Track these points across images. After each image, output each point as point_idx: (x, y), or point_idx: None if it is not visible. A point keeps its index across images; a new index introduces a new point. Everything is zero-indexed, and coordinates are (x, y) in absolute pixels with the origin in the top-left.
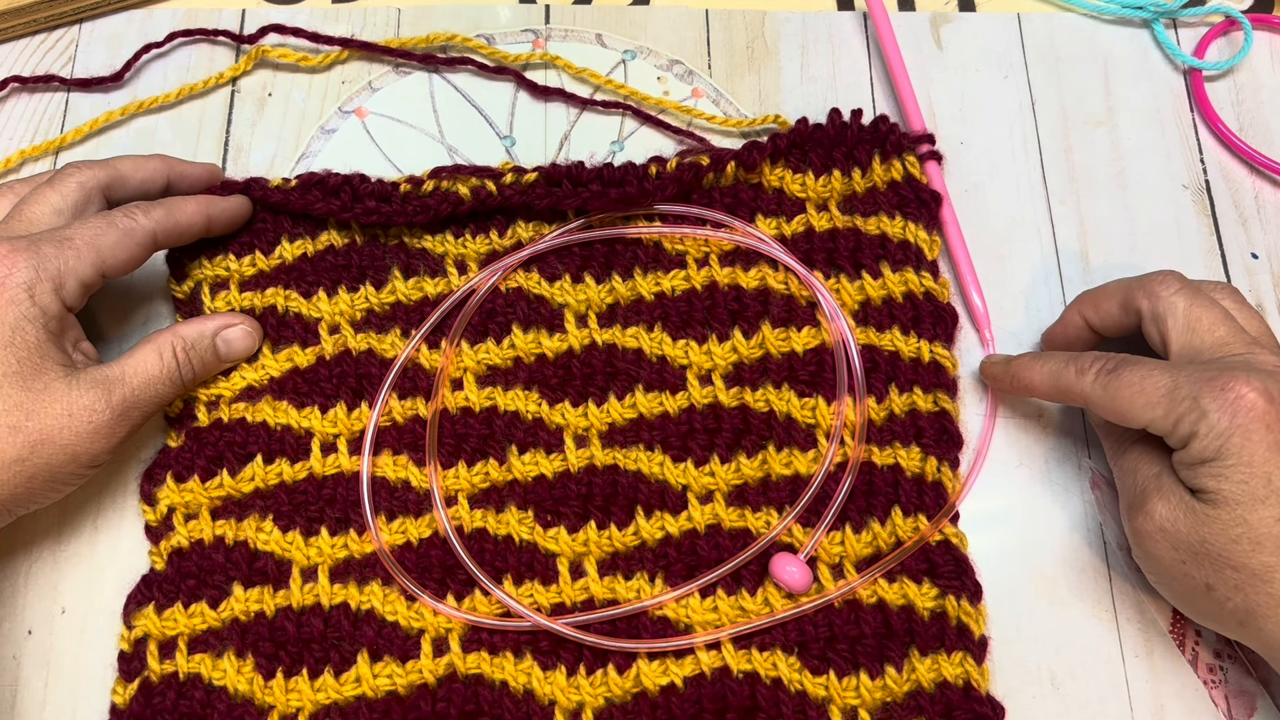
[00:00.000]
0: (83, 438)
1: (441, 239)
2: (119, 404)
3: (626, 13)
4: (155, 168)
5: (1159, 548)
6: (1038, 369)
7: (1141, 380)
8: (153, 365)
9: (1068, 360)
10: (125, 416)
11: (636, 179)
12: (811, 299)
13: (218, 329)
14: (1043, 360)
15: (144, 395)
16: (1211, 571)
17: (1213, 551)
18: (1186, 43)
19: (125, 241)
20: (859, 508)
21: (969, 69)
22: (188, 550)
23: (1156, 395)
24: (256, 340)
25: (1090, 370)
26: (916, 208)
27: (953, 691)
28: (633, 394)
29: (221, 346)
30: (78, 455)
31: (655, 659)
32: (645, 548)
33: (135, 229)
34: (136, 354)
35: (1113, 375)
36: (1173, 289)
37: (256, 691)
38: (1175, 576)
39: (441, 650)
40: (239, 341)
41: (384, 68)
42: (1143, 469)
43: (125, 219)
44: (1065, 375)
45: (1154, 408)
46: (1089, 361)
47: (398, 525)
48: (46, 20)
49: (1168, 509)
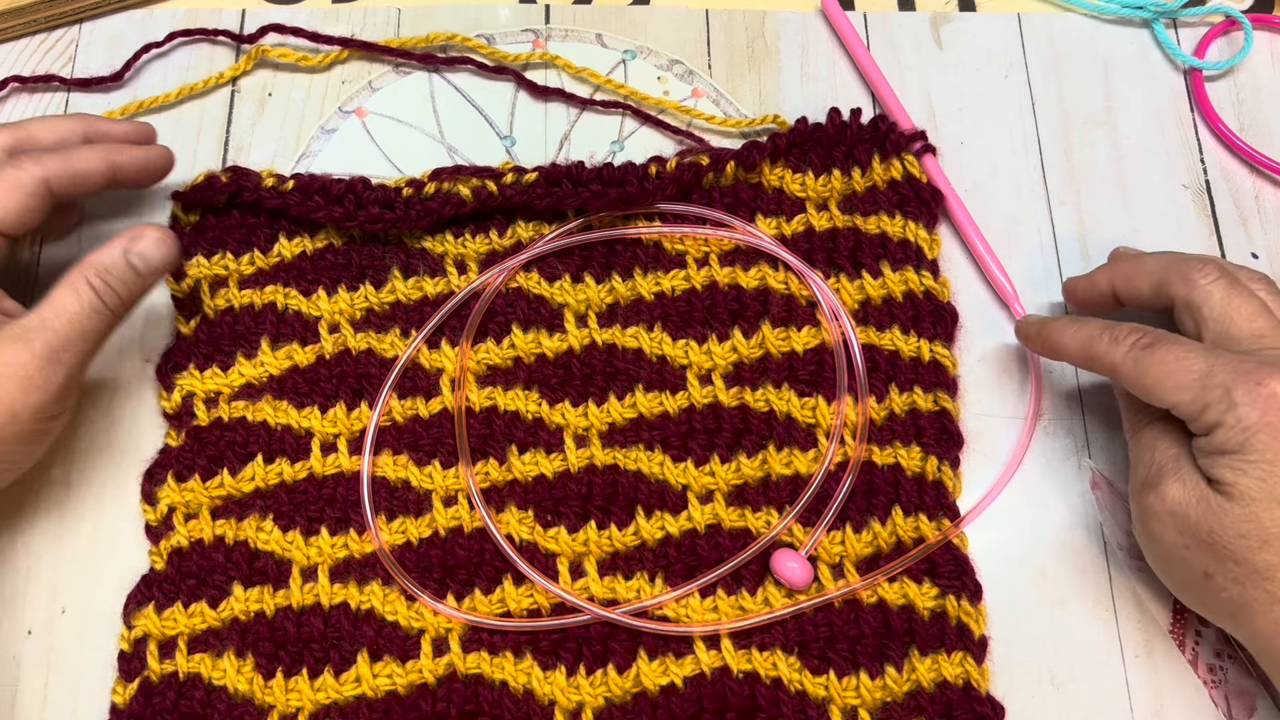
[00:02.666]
0: (14, 394)
1: (441, 239)
2: (43, 351)
3: (626, 13)
4: (70, 127)
5: (1165, 529)
6: (1071, 334)
7: (1176, 361)
8: (70, 303)
9: (1103, 329)
10: (55, 361)
11: (636, 179)
12: (811, 298)
13: (127, 246)
14: (1077, 325)
15: (70, 335)
16: (1213, 561)
17: (1219, 543)
18: (1186, 43)
19: (15, 193)
20: (859, 507)
21: (969, 69)
22: (188, 550)
23: (1188, 379)
24: (173, 245)
25: (1125, 341)
26: (916, 206)
27: (953, 691)
28: (633, 394)
29: (138, 263)
30: (16, 413)
31: (655, 658)
32: (645, 548)
33: (23, 178)
34: (53, 296)
35: (1147, 350)
36: (1210, 277)
37: (256, 691)
38: (1175, 560)
39: (441, 650)
40: (154, 251)
41: (384, 68)
42: (1161, 447)
43: (11, 169)
44: (1098, 343)
45: (1183, 390)
46: (1125, 333)
47: (398, 525)
48: (46, 20)
49: (1181, 492)
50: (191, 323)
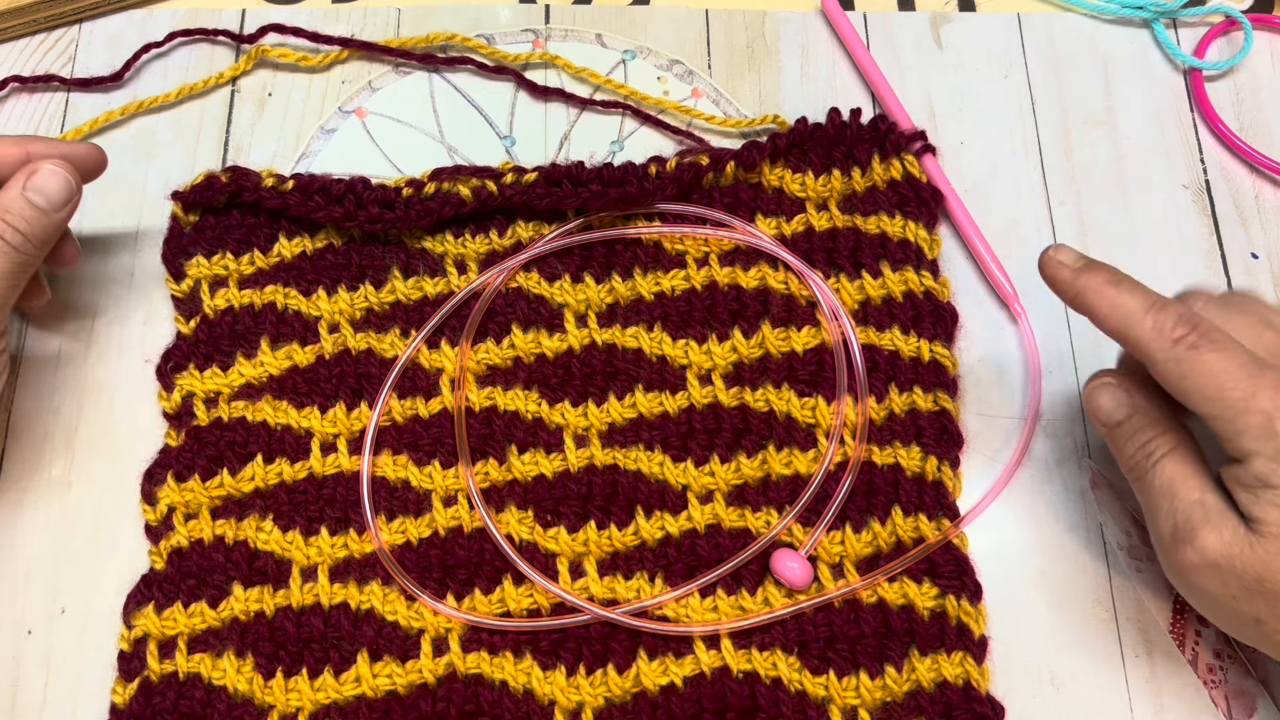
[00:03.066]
0: None
1: (441, 239)
2: None
3: (626, 13)
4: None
5: (1208, 583)
6: (1110, 300)
7: (1220, 374)
8: None
9: (1148, 308)
10: None
11: (636, 179)
12: (811, 298)
13: (22, 184)
14: (1119, 289)
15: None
16: (1264, 606)
17: (1268, 588)
18: (1186, 43)
19: None
20: (859, 507)
21: (969, 69)
22: (188, 550)
23: (1231, 396)
24: (70, 176)
25: (1171, 332)
26: (916, 206)
27: (952, 691)
28: (632, 394)
29: (37, 199)
30: None
31: (655, 658)
32: (645, 548)
33: None
34: None
35: (1193, 351)
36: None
37: (256, 691)
38: (1224, 609)
39: (441, 650)
40: (50, 184)
41: (384, 68)
42: (1181, 494)
43: None
44: (1139, 326)
45: (1223, 407)
46: (1173, 321)
47: (397, 525)
48: (46, 20)
49: (1219, 543)
50: (191, 323)
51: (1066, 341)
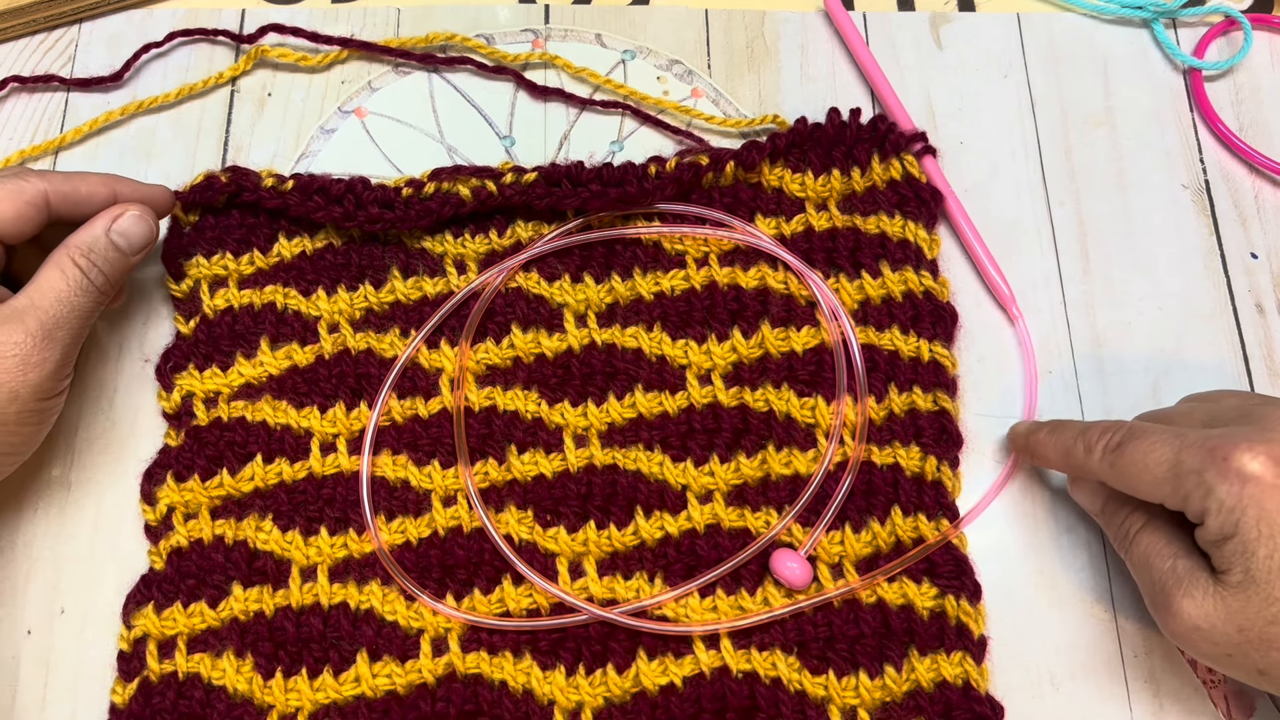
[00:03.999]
0: (13, 372)
1: (440, 239)
2: (37, 329)
3: (626, 13)
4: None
5: (1200, 645)
6: (1051, 444)
7: (1145, 456)
8: (57, 282)
9: (1077, 435)
10: (50, 339)
11: (636, 179)
12: (811, 298)
13: (107, 226)
14: (1057, 435)
15: (61, 313)
16: (1258, 657)
17: (1253, 638)
18: (1186, 43)
19: (12, 199)
20: (858, 507)
21: (969, 69)
22: (187, 550)
23: (1161, 472)
24: (153, 222)
25: (1097, 447)
26: (916, 206)
27: (952, 691)
28: (632, 394)
29: (120, 242)
30: (16, 391)
31: (654, 658)
32: (644, 547)
33: (25, 187)
34: (39, 277)
35: (1118, 452)
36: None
37: (256, 691)
38: (1224, 665)
39: (440, 650)
40: (135, 229)
41: (384, 68)
42: (1155, 563)
43: (14, 179)
44: (1075, 453)
45: (1161, 485)
46: (1096, 436)
47: (397, 525)
48: (46, 20)
49: (1194, 606)
50: (191, 323)
51: (1064, 343)
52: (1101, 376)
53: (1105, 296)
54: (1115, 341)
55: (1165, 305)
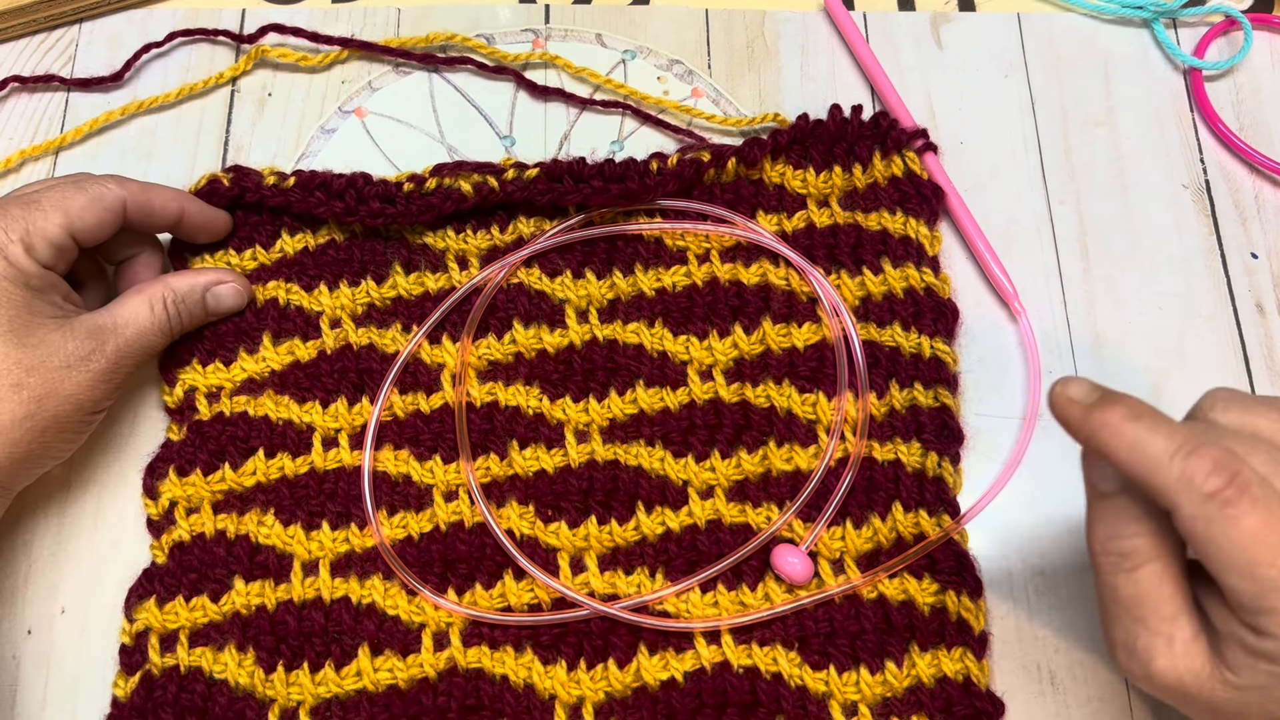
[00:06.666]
0: (84, 386)
1: (442, 234)
2: (113, 352)
3: (626, 12)
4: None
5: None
6: (1129, 438)
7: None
8: (144, 316)
9: (1176, 449)
10: (119, 364)
11: (638, 175)
12: (812, 295)
13: (209, 284)
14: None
15: (136, 344)
16: None
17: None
18: (1186, 43)
19: (94, 206)
20: (859, 503)
21: (969, 69)
22: (189, 544)
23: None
24: (245, 298)
25: (1204, 484)
26: (917, 203)
27: (953, 687)
28: (634, 389)
29: (211, 301)
30: (82, 403)
31: (655, 653)
32: (646, 543)
33: (105, 194)
34: (128, 303)
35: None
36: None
37: (258, 685)
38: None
39: (442, 644)
40: (228, 298)
41: (384, 67)
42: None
43: (96, 185)
44: (1164, 473)
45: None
46: (1206, 469)
47: (399, 520)
48: (46, 20)
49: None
50: None
51: (1067, 340)
52: (1102, 376)
53: (1105, 296)
54: (1115, 341)
55: (1165, 305)
